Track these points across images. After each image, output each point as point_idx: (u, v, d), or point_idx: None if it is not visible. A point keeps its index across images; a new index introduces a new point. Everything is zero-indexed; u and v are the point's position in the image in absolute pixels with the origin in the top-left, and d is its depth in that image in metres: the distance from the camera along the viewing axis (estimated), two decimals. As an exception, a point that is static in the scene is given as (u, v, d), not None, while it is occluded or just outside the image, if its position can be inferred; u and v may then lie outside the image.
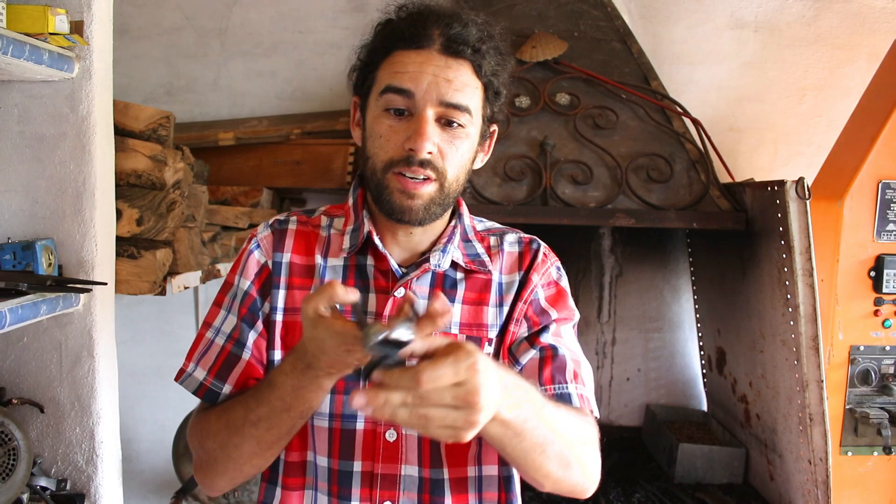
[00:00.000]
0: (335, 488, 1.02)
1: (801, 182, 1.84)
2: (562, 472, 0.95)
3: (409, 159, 0.97)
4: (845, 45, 2.59)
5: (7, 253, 1.35)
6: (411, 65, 0.98)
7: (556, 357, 1.05)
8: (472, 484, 1.04)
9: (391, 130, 0.99)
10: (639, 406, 2.69)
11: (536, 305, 1.09)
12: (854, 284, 2.01)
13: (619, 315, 2.69)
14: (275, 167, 2.42)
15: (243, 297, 1.08)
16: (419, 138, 0.96)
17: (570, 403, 1.02)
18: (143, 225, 1.69)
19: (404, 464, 1.02)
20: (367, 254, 1.07)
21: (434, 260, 1.05)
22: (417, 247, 1.09)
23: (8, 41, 1.17)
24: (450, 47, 0.99)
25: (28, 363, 1.47)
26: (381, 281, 1.06)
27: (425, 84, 0.97)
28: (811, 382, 1.83)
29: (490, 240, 1.14)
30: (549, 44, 2.22)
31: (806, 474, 1.88)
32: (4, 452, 1.33)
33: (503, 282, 1.10)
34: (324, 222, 1.12)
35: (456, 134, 1.00)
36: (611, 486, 2.20)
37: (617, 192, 2.08)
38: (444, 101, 0.98)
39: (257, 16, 2.60)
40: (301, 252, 1.09)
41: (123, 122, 1.69)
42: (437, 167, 0.99)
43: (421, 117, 0.97)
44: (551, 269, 1.13)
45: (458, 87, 0.98)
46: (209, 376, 1.07)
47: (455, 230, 1.10)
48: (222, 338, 1.08)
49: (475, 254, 1.10)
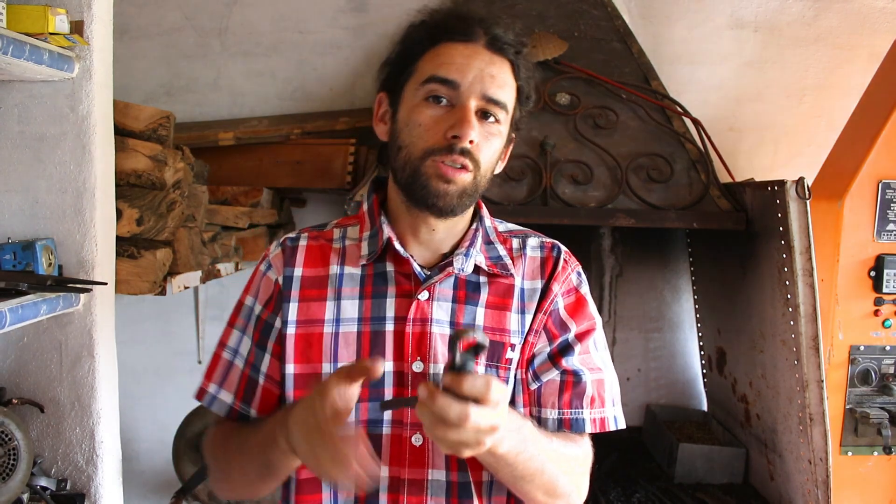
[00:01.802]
0: (362, 494, 1.02)
1: (801, 182, 1.84)
2: (545, 498, 1.01)
3: (451, 147, 0.99)
4: (845, 45, 2.59)
5: (7, 253, 1.35)
6: (458, 56, 1.01)
7: (577, 384, 1.07)
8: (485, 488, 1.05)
9: (432, 119, 1.00)
10: (639, 406, 2.69)
11: (556, 317, 1.09)
12: (854, 284, 2.01)
13: (619, 315, 2.69)
14: (275, 167, 2.42)
15: (256, 322, 1.09)
16: (466, 125, 0.98)
17: (582, 429, 1.06)
18: (143, 225, 1.69)
19: (431, 468, 1.03)
20: (386, 260, 1.07)
21: (457, 264, 1.06)
22: (440, 247, 1.09)
23: (8, 41, 1.17)
24: (494, 44, 1.03)
25: (28, 363, 1.47)
26: (404, 285, 1.06)
27: (471, 76, 1.00)
28: (811, 382, 1.83)
29: (513, 242, 1.14)
30: (549, 44, 2.22)
31: (806, 474, 1.88)
32: (4, 452, 1.33)
33: (526, 287, 1.10)
34: (336, 234, 1.12)
35: (491, 129, 1.03)
36: (611, 486, 2.20)
37: (617, 192, 2.07)
38: (486, 95, 1.00)
39: (257, 16, 2.60)
40: (314, 265, 1.09)
41: (123, 122, 1.69)
42: (474, 157, 1.00)
43: (465, 107, 0.99)
44: (572, 275, 1.14)
45: (500, 83, 1.02)
46: (237, 400, 1.09)
47: (477, 233, 1.10)
48: (241, 361, 1.10)
49: (497, 256, 1.10)
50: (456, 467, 1.03)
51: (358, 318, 1.04)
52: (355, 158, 2.38)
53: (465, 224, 1.11)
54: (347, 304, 1.05)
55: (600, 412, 1.07)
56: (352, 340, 1.04)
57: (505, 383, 1.04)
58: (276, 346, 1.07)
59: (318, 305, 1.05)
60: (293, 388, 1.05)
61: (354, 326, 1.04)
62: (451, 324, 1.04)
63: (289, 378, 1.05)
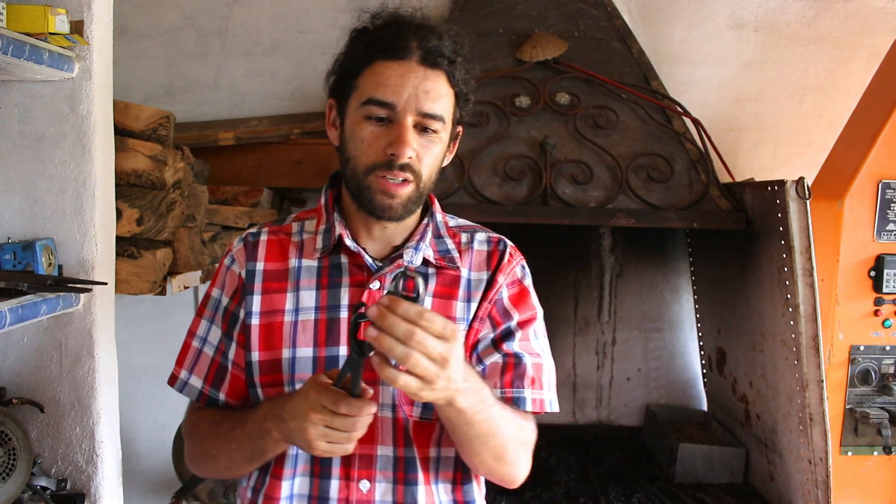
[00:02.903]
0: (317, 468, 1.10)
1: (801, 182, 1.84)
2: (494, 464, 1.08)
3: (390, 163, 1.06)
4: (845, 45, 2.59)
5: (7, 253, 1.35)
6: (393, 77, 1.06)
7: (518, 365, 1.13)
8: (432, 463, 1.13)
9: (373, 136, 1.07)
10: (639, 406, 2.69)
11: (500, 306, 1.16)
12: (854, 284, 2.01)
13: (619, 315, 2.69)
14: (275, 167, 2.42)
15: (224, 313, 1.17)
16: (402, 146, 1.05)
17: (524, 407, 1.12)
18: (143, 225, 1.69)
19: (380, 444, 1.09)
20: (340, 252, 1.14)
21: (407, 256, 1.13)
22: (391, 240, 1.16)
23: (8, 41, 1.17)
24: (428, 59, 1.06)
25: (28, 363, 1.47)
26: (357, 276, 1.13)
27: (406, 96, 1.05)
28: (811, 382, 1.83)
29: (461, 236, 1.20)
30: (549, 44, 2.22)
31: (806, 474, 1.88)
32: (4, 452, 1.33)
33: (472, 278, 1.16)
34: (295, 228, 1.20)
35: (431, 139, 1.09)
36: (611, 486, 2.20)
37: (617, 192, 2.07)
38: (422, 112, 1.06)
39: (257, 16, 2.60)
40: (274, 259, 1.16)
41: (123, 122, 1.69)
42: (414, 170, 1.07)
43: (402, 125, 1.05)
44: (516, 268, 1.19)
45: (435, 97, 1.07)
46: (206, 385, 1.18)
47: (427, 228, 1.16)
48: (210, 349, 1.18)
49: (446, 250, 1.17)
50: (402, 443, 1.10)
51: (315, 306, 1.12)
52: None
53: (416, 218, 1.18)
54: (305, 295, 1.12)
55: (539, 394, 1.14)
56: (309, 327, 1.11)
57: None
58: (240, 335, 1.15)
59: (279, 297, 1.13)
60: (258, 374, 1.12)
61: (312, 315, 1.11)
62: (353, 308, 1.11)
63: (254, 365, 1.12)
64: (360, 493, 1.08)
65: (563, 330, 2.68)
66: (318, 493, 1.10)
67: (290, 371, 1.10)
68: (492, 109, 2.16)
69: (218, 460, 1.15)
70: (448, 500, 1.14)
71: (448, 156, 1.16)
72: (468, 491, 1.16)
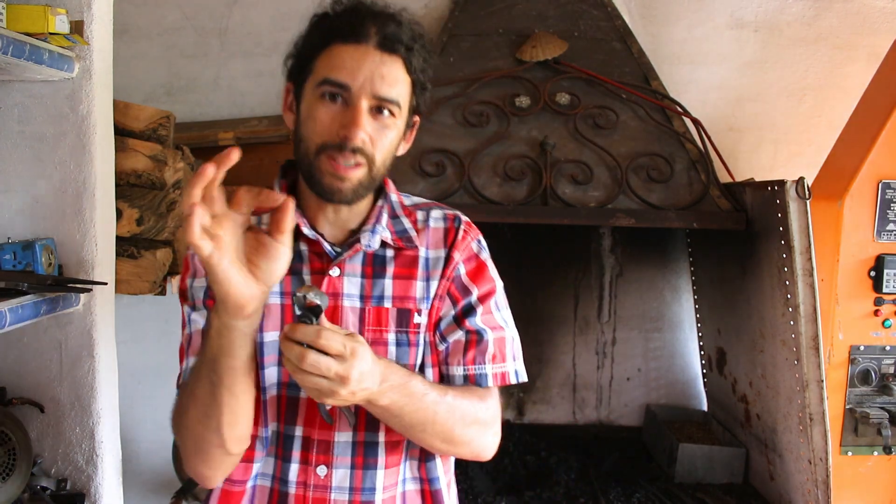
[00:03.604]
0: (280, 451, 1.11)
1: (801, 182, 1.84)
2: (444, 446, 1.11)
3: (341, 145, 1.05)
4: (845, 45, 2.59)
5: (7, 253, 1.35)
6: (349, 59, 1.05)
7: (480, 342, 1.15)
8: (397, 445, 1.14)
9: (326, 115, 1.06)
10: (639, 406, 2.69)
11: (458, 282, 1.17)
12: (854, 284, 2.01)
13: (619, 315, 2.69)
14: (275, 167, 2.40)
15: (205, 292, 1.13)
16: (354, 127, 1.04)
17: (486, 383, 1.14)
18: (143, 225, 1.69)
19: (338, 430, 1.11)
20: (299, 241, 1.13)
21: (364, 241, 1.13)
22: (347, 224, 1.16)
23: (8, 41, 1.17)
24: (385, 44, 1.06)
25: (28, 363, 1.47)
26: (316, 263, 1.13)
27: (361, 78, 1.04)
28: (811, 382, 1.83)
29: (417, 215, 1.20)
30: (549, 44, 2.22)
31: (806, 474, 1.88)
32: (4, 452, 1.33)
33: (430, 257, 1.17)
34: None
35: (386, 123, 1.08)
36: (611, 486, 2.20)
37: (617, 192, 2.07)
38: (377, 95, 1.05)
39: (257, 16, 2.60)
40: None
41: (123, 122, 1.69)
42: (367, 154, 1.06)
43: (356, 108, 1.05)
44: (472, 243, 1.20)
45: (391, 82, 1.06)
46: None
47: (382, 210, 1.16)
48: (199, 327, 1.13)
49: (403, 230, 1.17)
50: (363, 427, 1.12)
51: (280, 291, 1.11)
52: (355, 158, 2.38)
53: (370, 201, 1.17)
54: None
55: (502, 367, 1.15)
56: (275, 311, 1.11)
57: (415, 346, 1.13)
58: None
59: None
60: None
61: (277, 299, 1.11)
62: (361, 297, 1.12)
63: None
64: (318, 478, 1.10)
65: (563, 330, 2.68)
66: (279, 474, 1.12)
67: (259, 355, 1.09)
68: (492, 109, 2.16)
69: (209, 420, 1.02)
70: (412, 478, 1.16)
71: (404, 145, 1.16)
72: (430, 468, 1.17)
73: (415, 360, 1.13)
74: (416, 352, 1.13)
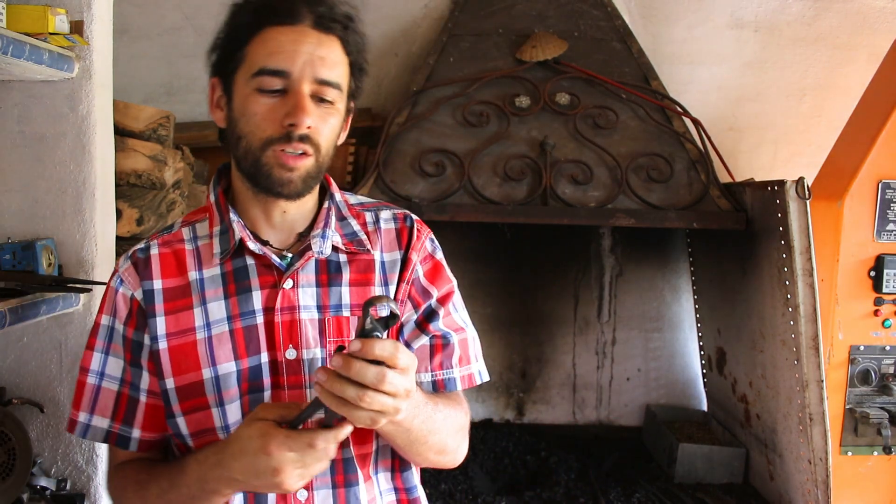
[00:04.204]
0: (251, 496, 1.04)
1: (801, 182, 1.84)
2: (436, 457, 1.08)
3: (289, 135, 0.98)
4: (845, 45, 2.59)
5: (7, 253, 1.35)
6: (286, 43, 0.99)
7: (446, 346, 1.11)
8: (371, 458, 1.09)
9: (267, 108, 0.99)
10: (639, 406, 2.69)
11: (418, 285, 1.12)
12: (854, 284, 2.01)
13: (619, 315, 2.69)
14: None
15: (123, 341, 1.07)
16: (301, 113, 0.97)
17: (454, 388, 1.11)
18: (143, 225, 1.69)
19: None
20: (244, 254, 1.06)
21: (316, 247, 1.06)
22: (294, 227, 1.09)
23: (8, 41, 1.17)
24: (321, 23, 1.01)
25: (28, 363, 1.47)
26: (266, 276, 1.05)
27: (301, 62, 0.98)
28: (811, 382, 1.83)
29: (366, 216, 1.14)
30: (549, 44, 2.22)
31: (806, 474, 1.88)
32: (4, 452, 1.33)
33: (386, 260, 1.11)
34: (186, 235, 1.10)
35: (328, 110, 1.02)
36: (611, 486, 2.20)
37: (617, 192, 2.07)
38: (318, 79, 0.99)
39: (257, 16, 2.59)
40: (172, 274, 1.07)
41: (123, 122, 1.69)
42: (314, 142, 1.00)
43: (299, 93, 0.98)
44: (426, 243, 1.14)
45: (331, 64, 1.00)
46: (115, 423, 1.07)
47: (330, 212, 1.10)
48: (113, 382, 1.07)
49: (352, 232, 1.11)
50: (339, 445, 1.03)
51: (227, 316, 1.04)
52: (355, 158, 2.38)
53: (315, 200, 1.11)
54: (214, 307, 1.04)
55: (467, 369, 1.12)
56: (226, 339, 1.03)
57: None
58: (149, 363, 1.06)
59: (185, 315, 1.04)
60: (177, 402, 1.04)
61: (225, 326, 1.03)
62: (319, 308, 1.05)
63: (170, 392, 1.04)
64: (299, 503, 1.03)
65: (563, 330, 2.68)
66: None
67: (215, 391, 1.02)
68: (492, 109, 2.16)
69: None
70: (388, 489, 1.11)
71: (343, 133, 1.09)
72: (408, 477, 1.14)
73: None
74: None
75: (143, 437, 1.07)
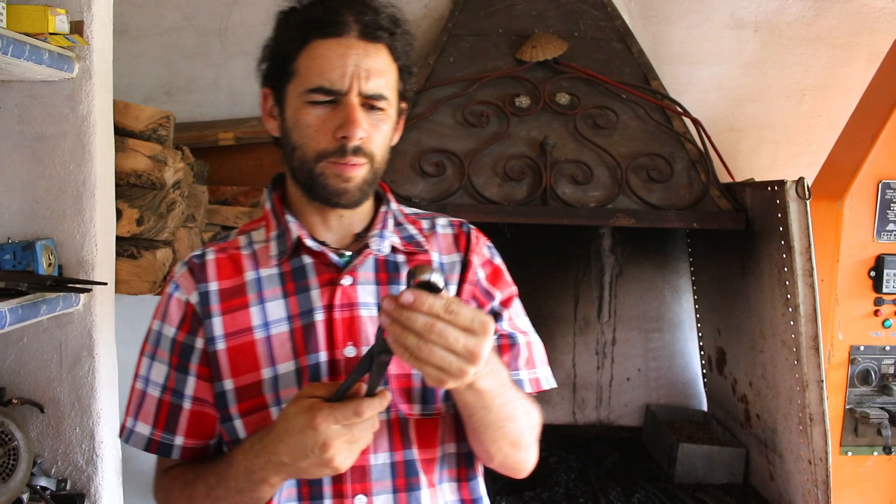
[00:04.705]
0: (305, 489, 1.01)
1: (801, 182, 1.84)
2: (511, 450, 1.03)
3: (342, 149, 1.00)
4: (845, 45, 2.59)
5: (7, 253, 1.35)
6: (334, 57, 1.00)
7: (513, 346, 1.10)
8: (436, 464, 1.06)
9: (319, 120, 1.01)
10: (639, 406, 2.69)
11: (480, 286, 1.12)
12: (854, 284, 2.01)
13: (619, 315, 2.69)
14: (275, 167, 2.40)
15: (172, 345, 1.07)
16: (352, 126, 0.99)
17: (523, 389, 1.08)
18: (143, 225, 1.69)
19: (373, 453, 1.01)
20: (301, 254, 1.07)
21: (374, 245, 1.07)
22: (350, 228, 1.11)
23: (8, 41, 1.17)
24: (367, 33, 1.01)
25: (28, 363, 1.47)
26: (325, 274, 1.06)
27: (349, 76, 0.99)
28: (811, 382, 1.83)
29: (422, 223, 1.16)
30: (549, 44, 2.22)
31: (806, 474, 1.88)
32: (4, 452, 1.33)
33: (444, 262, 1.12)
34: (243, 242, 1.11)
35: (379, 117, 1.03)
36: (611, 486, 2.20)
37: (617, 192, 2.07)
38: (366, 93, 1.01)
39: (257, 16, 2.59)
40: (228, 276, 1.07)
41: (123, 122, 1.69)
42: (366, 152, 1.02)
43: (349, 106, 1.00)
44: (484, 249, 1.16)
45: (378, 74, 1.01)
46: (157, 430, 1.07)
47: (388, 215, 1.12)
48: (156, 389, 1.07)
49: (410, 235, 1.12)
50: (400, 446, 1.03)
51: (286, 316, 1.04)
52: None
53: (371, 204, 1.13)
54: (272, 306, 1.04)
55: (534, 373, 1.11)
56: (285, 339, 1.03)
57: None
58: (200, 367, 1.05)
59: (242, 314, 1.04)
60: (235, 403, 1.03)
61: (285, 326, 1.03)
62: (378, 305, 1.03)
63: (228, 394, 1.03)
64: None
65: (563, 330, 2.68)
66: None
67: (273, 390, 1.01)
68: (492, 109, 2.16)
69: None
70: (454, 500, 1.08)
71: (396, 135, 1.11)
72: (474, 487, 1.11)
73: None
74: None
75: (185, 444, 1.06)
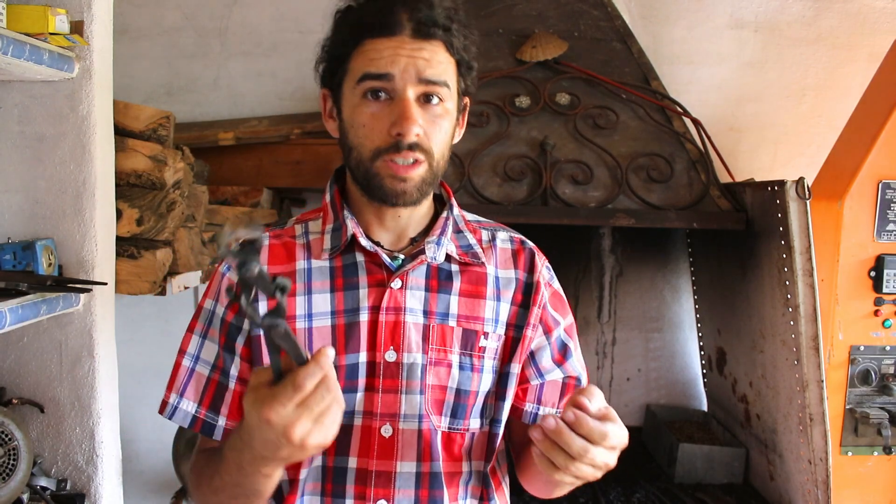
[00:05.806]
0: (329, 486, 1.01)
1: (801, 182, 1.84)
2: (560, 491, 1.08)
3: (397, 145, 0.97)
4: (845, 45, 2.59)
5: (7, 253, 1.35)
6: (385, 50, 0.97)
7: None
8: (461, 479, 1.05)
9: (374, 118, 0.99)
10: (639, 406, 2.69)
11: (547, 311, 1.11)
12: (854, 284, 2.01)
13: (619, 315, 2.69)
14: (275, 167, 2.42)
15: (221, 324, 1.05)
16: (406, 122, 0.96)
17: None
18: (143, 225, 1.69)
19: (400, 460, 1.00)
20: (354, 251, 1.05)
21: (430, 252, 1.04)
22: (406, 231, 1.08)
23: (8, 41, 1.17)
24: (420, 30, 0.98)
25: (28, 363, 1.47)
26: (376, 274, 1.04)
27: (402, 64, 0.97)
28: (811, 382, 1.83)
29: (482, 233, 1.13)
30: (549, 44, 2.22)
31: (806, 474, 1.88)
32: (5, 452, 1.33)
33: (500, 276, 1.09)
34: (298, 231, 1.10)
35: (437, 112, 1.00)
36: (611, 486, 2.20)
37: (617, 192, 2.07)
38: (423, 78, 0.98)
39: (257, 16, 2.60)
40: (279, 262, 1.05)
41: (123, 122, 1.69)
42: (424, 148, 0.99)
43: (403, 100, 0.97)
44: (544, 270, 1.14)
45: (434, 64, 0.98)
46: (202, 408, 1.05)
47: (447, 221, 1.09)
48: (205, 367, 1.06)
49: (468, 245, 1.09)
50: (428, 457, 1.01)
51: (331, 311, 1.02)
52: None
53: (430, 207, 1.11)
54: (318, 298, 1.03)
55: None
56: (326, 334, 1.01)
57: (479, 372, 1.05)
58: (244, 348, 1.04)
59: (288, 302, 1.02)
60: None
61: (328, 320, 1.02)
62: (425, 313, 1.03)
63: None
64: None
65: (563, 330, 2.68)
66: None
67: None
68: (492, 109, 2.16)
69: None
70: None
71: (459, 131, 1.08)
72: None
73: (477, 388, 1.04)
74: (479, 378, 1.04)
75: (227, 425, 1.04)
